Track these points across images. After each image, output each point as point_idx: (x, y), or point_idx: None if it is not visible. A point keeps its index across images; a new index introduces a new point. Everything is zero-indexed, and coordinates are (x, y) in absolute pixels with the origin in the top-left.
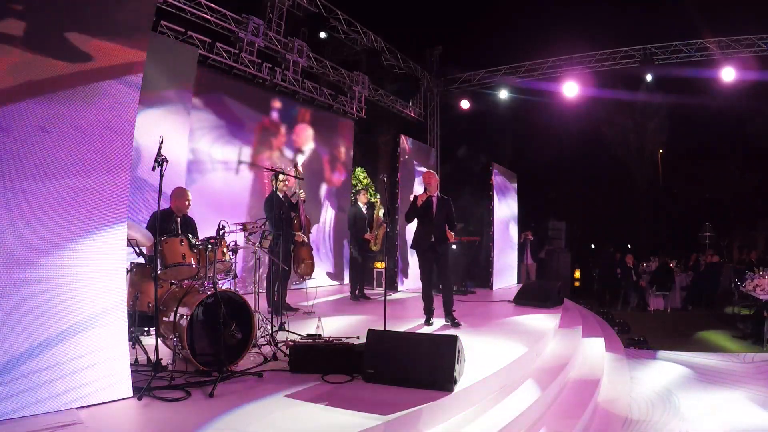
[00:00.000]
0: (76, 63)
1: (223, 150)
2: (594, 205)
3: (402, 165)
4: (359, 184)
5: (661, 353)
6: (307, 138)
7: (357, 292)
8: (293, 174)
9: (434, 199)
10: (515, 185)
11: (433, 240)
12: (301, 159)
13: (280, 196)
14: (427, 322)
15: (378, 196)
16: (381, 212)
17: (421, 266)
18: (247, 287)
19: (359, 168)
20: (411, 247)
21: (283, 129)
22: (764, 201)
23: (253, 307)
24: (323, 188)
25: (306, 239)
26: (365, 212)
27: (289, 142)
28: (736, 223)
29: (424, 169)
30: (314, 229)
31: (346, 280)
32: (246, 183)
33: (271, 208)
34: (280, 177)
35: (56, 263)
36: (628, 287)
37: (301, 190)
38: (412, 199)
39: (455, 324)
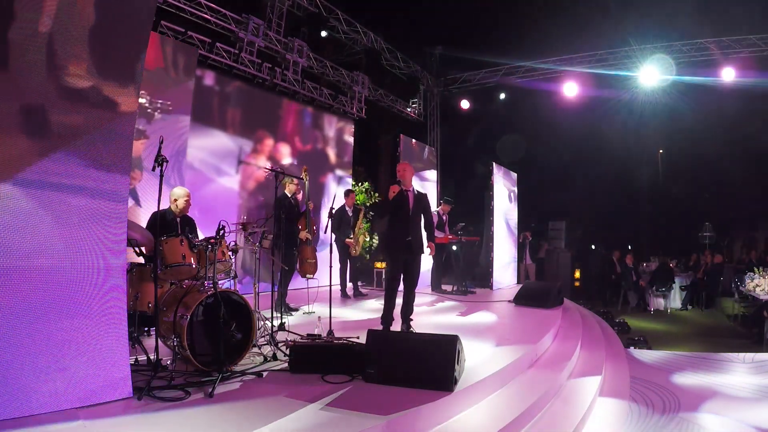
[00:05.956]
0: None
1: (223, 150)
2: (594, 205)
3: None
4: (356, 188)
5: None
6: (307, 138)
7: (350, 290)
8: (295, 175)
9: (410, 194)
10: (515, 185)
11: (409, 239)
12: (301, 160)
13: (288, 195)
14: None
15: (364, 201)
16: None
17: (391, 269)
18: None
19: (366, 183)
20: (384, 249)
21: (283, 129)
22: (764, 201)
23: (252, 307)
24: (323, 188)
25: (310, 239)
26: (350, 216)
27: (289, 143)
28: (736, 223)
29: (426, 172)
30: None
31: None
32: (246, 183)
33: (276, 206)
34: (285, 177)
35: (56, 263)
36: (628, 287)
37: (310, 201)
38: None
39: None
